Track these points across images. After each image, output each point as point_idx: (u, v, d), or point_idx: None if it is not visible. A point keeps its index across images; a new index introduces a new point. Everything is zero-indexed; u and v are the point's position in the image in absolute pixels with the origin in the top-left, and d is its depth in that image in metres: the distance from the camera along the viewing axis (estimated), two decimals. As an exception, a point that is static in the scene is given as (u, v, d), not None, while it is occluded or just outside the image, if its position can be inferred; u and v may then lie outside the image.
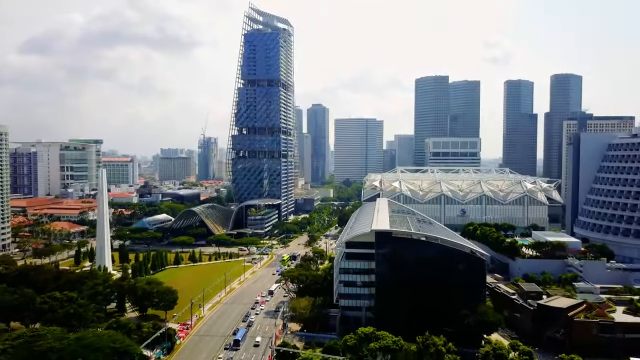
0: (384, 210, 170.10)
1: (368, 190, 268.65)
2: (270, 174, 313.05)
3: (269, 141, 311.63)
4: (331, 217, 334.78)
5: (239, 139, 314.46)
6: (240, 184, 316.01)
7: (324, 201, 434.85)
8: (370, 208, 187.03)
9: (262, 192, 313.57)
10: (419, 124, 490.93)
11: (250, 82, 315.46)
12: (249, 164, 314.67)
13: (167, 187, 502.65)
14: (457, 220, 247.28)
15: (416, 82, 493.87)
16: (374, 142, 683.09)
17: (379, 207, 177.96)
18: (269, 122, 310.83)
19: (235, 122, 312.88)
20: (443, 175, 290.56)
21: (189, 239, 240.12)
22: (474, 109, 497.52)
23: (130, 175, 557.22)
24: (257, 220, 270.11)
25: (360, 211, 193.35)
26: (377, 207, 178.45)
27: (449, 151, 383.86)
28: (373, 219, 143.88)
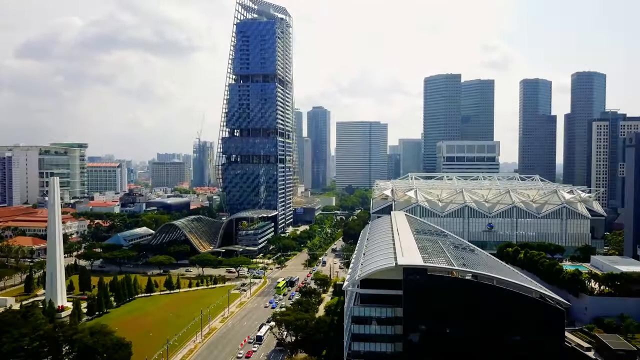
0: (404, 229, 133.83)
1: (378, 201, 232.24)
2: (265, 181, 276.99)
3: (264, 144, 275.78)
4: (334, 229, 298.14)
5: (231, 142, 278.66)
6: (231, 192, 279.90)
7: (326, 210, 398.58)
8: (384, 225, 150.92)
9: (257, 201, 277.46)
10: (429, 126, 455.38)
11: (243, 78, 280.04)
12: (241, 170, 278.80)
13: (156, 194, 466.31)
14: (482, 237, 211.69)
15: (425, 81, 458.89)
16: (378, 146, 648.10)
17: (396, 224, 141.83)
18: (264, 122, 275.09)
19: (226, 123, 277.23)
20: (463, 184, 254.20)
21: (168, 259, 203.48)
22: (487, 111, 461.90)
23: (118, 182, 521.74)
24: (249, 236, 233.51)
25: (372, 229, 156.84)
26: (395, 224, 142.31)
27: (464, 155, 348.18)
28: (395, 244, 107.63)
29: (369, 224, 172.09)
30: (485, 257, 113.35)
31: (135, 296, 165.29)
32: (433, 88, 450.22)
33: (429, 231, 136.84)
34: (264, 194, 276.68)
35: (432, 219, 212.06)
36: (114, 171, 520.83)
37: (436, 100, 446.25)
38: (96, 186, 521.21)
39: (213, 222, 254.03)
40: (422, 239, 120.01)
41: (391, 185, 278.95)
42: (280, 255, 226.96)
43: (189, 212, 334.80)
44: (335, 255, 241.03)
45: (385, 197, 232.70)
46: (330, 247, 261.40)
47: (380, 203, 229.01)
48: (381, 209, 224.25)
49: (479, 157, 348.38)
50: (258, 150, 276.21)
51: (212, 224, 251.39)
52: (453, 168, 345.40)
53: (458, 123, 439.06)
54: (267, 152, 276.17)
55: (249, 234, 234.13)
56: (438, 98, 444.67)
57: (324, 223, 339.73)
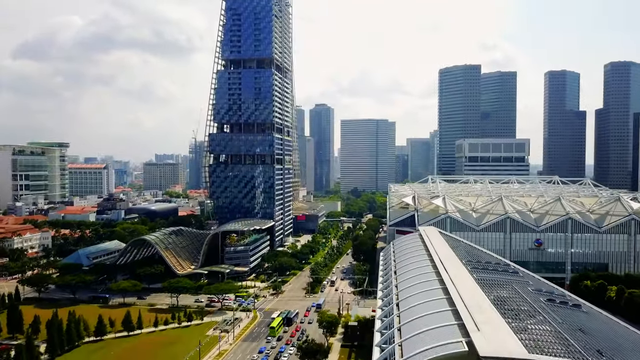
0: (449, 259, 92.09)
1: (397, 210, 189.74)
2: (260, 185, 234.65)
3: (258, 142, 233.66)
4: (341, 241, 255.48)
5: (219, 139, 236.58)
6: (220, 198, 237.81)
7: (330, 217, 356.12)
8: (416, 251, 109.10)
9: (250, 209, 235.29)
10: (445, 123, 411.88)
11: (234, 64, 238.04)
12: (232, 172, 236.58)
13: (143, 198, 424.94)
14: (528, 255, 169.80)
15: (440, 73, 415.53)
16: (385, 146, 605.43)
17: (434, 248, 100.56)
18: (259, 116, 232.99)
19: (214, 117, 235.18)
20: (496, 188, 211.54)
21: (134, 285, 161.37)
22: (509, 105, 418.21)
23: (104, 185, 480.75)
24: (239, 253, 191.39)
25: (398, 255, 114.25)
26: (432, 248, 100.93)
27: (488, 155, 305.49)
28: (452, 296, 65.24)
29: (391, 246, 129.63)
30: (605, 319, 70.30)
31: (80, 342, 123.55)
32: (449, 81, 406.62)
33: (488, 264, 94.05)
34: (259, 201, 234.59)
35: (466, 233, 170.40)
36: (99, 173, 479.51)
37: (453, 95, 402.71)
38: (80, 190, 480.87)
39: (197, 235, 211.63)
40: (487, 281, 77.47)
41: (409, 189, 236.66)
42: (277, 278, 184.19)
43: (175, 220, 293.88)
44: (344, 275, 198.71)
45: (406, 206, 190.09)
46: (337, 264, 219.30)
47: (400, 213, 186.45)
48: (401, 221, 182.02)
49: (505, 157, 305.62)
50: (251, 148, 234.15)
51: (196, 237, 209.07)
52: (476, 169, 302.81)
53: (477, 119, 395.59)
54: (262, 151, 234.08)
55: (239, 250, 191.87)
56: (455, 92, 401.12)
57: (328, 232, 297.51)
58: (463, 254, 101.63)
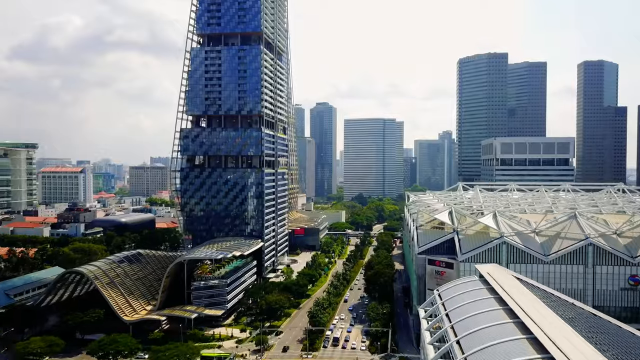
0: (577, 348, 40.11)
1: (428, 231, 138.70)
2: (246, 194, 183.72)
3: (243, 139, 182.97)
4: (349, 264, 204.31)
5: (193, 136, 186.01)
6: (195, 212, 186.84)
7: (334, 229, 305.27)
8: (498, 326, 57.99)
9: (233, 226, 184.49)
10: (465, 120, 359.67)
11: (213, 40, 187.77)
12: (209, 178, 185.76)
13: (120, 207, 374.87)
14: (620, 299, 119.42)
15: (460, 64, 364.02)
16: (392, 148, 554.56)
17: (528, 318, 48.56)
18: (244, 106, 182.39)
19: (187, 108, 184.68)
20: (557, 200, 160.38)
21: (52, 345, 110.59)
22: (538, 101, 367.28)
23: (81, 190, 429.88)
24: (212, 290, 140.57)
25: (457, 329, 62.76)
26: (527, 319, 49.09)
27: (525, 157, 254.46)
28: None
29: (437, 300, 78.22)
30: None
31: None
32: (470, 72, 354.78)
33: None
34: (244, 215, 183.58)
35: (531, 266, 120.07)
36: (76, 177, 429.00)
37: (475, 88, 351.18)
38: (54, 196, 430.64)
39: (163, 260, 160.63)
40: None
41: (434, 199, 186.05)
42: (262, 327, 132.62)
43: (149, 234, 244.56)
44: (354, 317, 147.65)
45: (440, 226, 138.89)
46: (345, 294, 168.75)
47: (433, 236, 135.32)
48: (435, 247, 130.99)
49: (546, 160, 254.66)
50: (235, 148, 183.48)
51: (161, 262, 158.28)
52: (510, 174, 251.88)
53: (504, 116, 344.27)
54: (249, 152, 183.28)
55: (212, 285, 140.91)
56: (477, 85, 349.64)
57: (332, 250, 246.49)
58: (582, 329, 50.97)
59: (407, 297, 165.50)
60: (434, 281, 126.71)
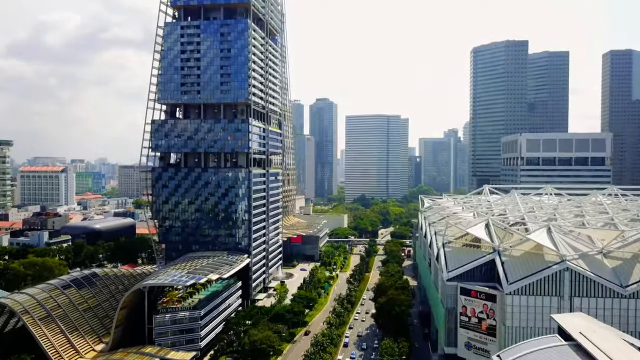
0: None
1: (460, 251, 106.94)
2: (230, 199, 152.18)
3: (227, 133, 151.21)
4: (353, 283, 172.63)
5: (167, 130, 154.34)
6: (169, 220, 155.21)
7: (335, 236, 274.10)
8: None
9: (215, 237, 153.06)
10: (480, 115, 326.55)
11: (190, 12, 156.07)
12: (186, 179, 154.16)
13: (100, 210, 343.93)
14: None
15: (474, 53, 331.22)
16: (397, 146, 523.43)
17: None
18: (228, 93, 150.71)
19: (160, 95, 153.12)
20: (615, 207, 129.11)
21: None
22: (559, 94, 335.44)
23: (62, 191, 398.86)
24: (180, 324, 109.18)
25: None
26: None
27: (554, 156, 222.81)
28: None
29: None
30: None
31: None
32: (486, 62, 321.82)
33: None
34: (228, 224, 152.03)
35: (604, 301, 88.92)
36: (56, 177, 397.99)
37: (491, 80, 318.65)
38: (35, 197, 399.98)
39: (126, 280, 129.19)
40: None
41: (457, 206, 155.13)
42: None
43: (128, 242, 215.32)
44: (363, 354, 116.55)
45: (475, 243, 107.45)
46: (350, 320, 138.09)
47: (466, 256, 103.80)
48: (470, 272, 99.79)
49: (578, 159, 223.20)
50: (216, 143, 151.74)
51: (123, 283, 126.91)
52: (538, 175, 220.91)
53: (524, 111, 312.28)
54: (234, 148, 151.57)
55: (180, 319, 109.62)
56: (494, 76, 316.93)
57: (333, 262, 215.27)
58: None
59: (426, 325, 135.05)
60: (467, 317, 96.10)
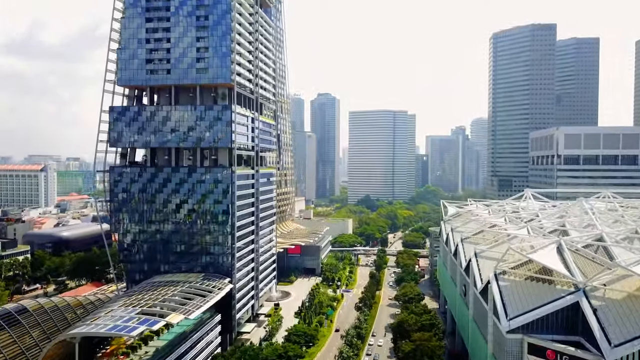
0: None
1: (527, 289, 74.40)
2: (206, 209, 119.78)
3: (204, 123, 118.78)
4: (363, 309, 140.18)
5: (129, 119, 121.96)
6: (131, 233, 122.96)
7: (339, 244, 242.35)
8: None
9: (188, 255, 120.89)
10: (501, 108, 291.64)
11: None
12: (152, 182, 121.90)
13: (80, 214, 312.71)
14: None
15: (494, 39, 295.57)
16: (403, 144, 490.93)
17: None
18: (204, 71, 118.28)
19: (120, 75, 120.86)
20: None
21: None
22: (589, 85, 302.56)
23: (42, 192, 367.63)
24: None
25: None
26: None
27: (597, 154, 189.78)
28: None
29: None
30: None
31: None
32: (508, 49, 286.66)
33: None
34: (204, 239, 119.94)
35: None
36: (35, 177, 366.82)
37: (514, 69, 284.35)
38: (13, 198, 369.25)
39: (67, 313, 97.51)
40: None
41: (492, 215, 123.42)
42: None
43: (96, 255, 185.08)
44: None
45: (544, 276, 75.01)
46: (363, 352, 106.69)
47: (535, 296, 71.31)
48: (543, 320, 67.23)
49: (625, 157, 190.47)
50: (190, 136, 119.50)
51: (65, 318, 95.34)
52: (579, 176, 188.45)
53: (551, 104, 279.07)
54: (212, 141, 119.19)
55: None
56: (518, 65, 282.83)
57: (337, 277, 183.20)
58: None
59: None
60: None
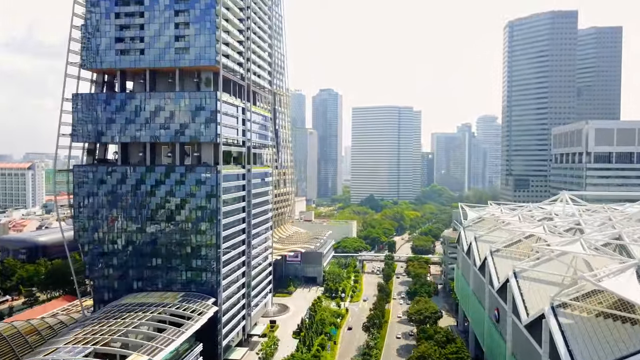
0: None
1: (598, 328, 55.53)
2: (187, 216, 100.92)
3: (184, 112, 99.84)
4: (372, 330, 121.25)
5: (96, 107, 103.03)
6: (99, 244, 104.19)
7: (342, 250, 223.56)
8: None
9: (165, 270, 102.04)
10: (517, 102, 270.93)
11: None
12: (123, 184, 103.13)
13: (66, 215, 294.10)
14: None
15: (509, 28, 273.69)
16: (408, 141, 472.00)
17: None
18: (184, 52, 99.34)
19: (85, 57, 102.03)
20: None
21: None
22: (611, 76, 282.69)
23: (29, 192, 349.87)
24: None
25: None
26: None
27: (632, 151, 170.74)
28: None
29: None
30: None
31: None
32: (526, 38, 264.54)
33: None
34: (185, 250, 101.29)
35: None
36: (22, 175, 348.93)
37: (531, 59, 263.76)
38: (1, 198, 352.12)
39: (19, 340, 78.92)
40: None
41: (526, 223, 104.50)
42: None
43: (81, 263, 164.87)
44: None
45: (622, 312, 55.48)
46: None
47: (612, 342, 52.24)
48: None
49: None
50: (168, 127, 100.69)
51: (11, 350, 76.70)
52: (610, 177, 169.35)
53: (571, 97, 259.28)
54: (194, 134, 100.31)
55: None
56: (536, 55, 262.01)
57: (341, 288, 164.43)
58: None
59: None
60: None
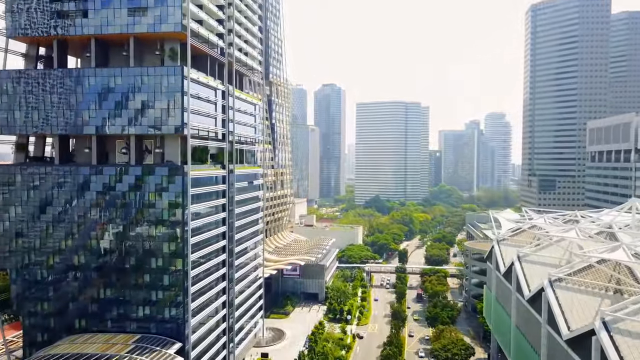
0: None
1: None
2: (144, 230, 75.95)
3: (141, 95, 74.97)
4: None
5: (25, 88, 78.36)
6: (29, 269, 79.53)
7: (347, 260, 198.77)
8: None
9: (118, 306, 77.22)
10: (540, 95, 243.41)
11: None
12: (61, 188, 78.49)
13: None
14: None
15: (532, 13, 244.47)
16: (416, 138, 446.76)
17: None
18: (141, 14, 74.65)
19: (12, 23, 77.30)
20: None
21: None
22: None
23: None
24: None
25: None
26: None
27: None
28: None
29: None
30: None
31: None
32: (552, 24, 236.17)
33: None
34: (140, 279, 76.70)
35: None
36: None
37: (558, 46, 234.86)
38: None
39: None
40: None
41: (594, 241, 78.63)
42: None
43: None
44: None
45: None
46: None
47: None
48: None
49: None
50: (120, 115, 76.08)
51: None
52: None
53: (603, 89, 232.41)
54: (152, 125, 75.80)
55: None
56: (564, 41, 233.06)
57: (346, 309, 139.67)
58: None
59: None
60: None
